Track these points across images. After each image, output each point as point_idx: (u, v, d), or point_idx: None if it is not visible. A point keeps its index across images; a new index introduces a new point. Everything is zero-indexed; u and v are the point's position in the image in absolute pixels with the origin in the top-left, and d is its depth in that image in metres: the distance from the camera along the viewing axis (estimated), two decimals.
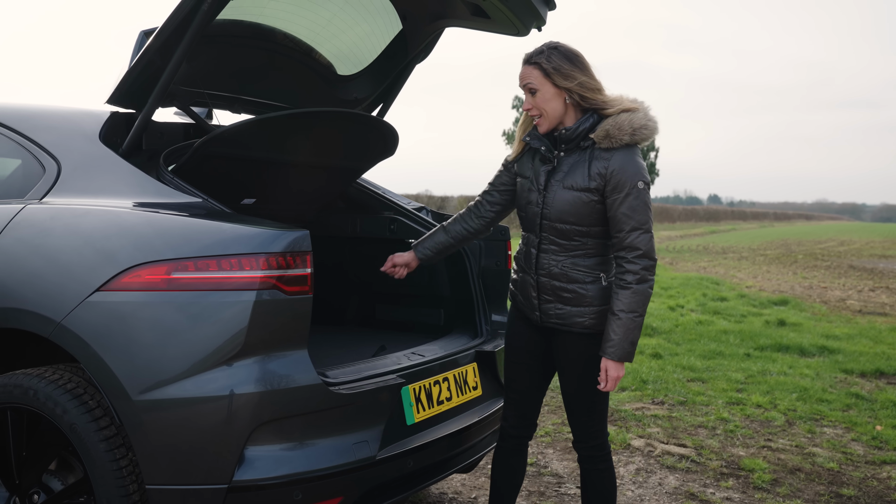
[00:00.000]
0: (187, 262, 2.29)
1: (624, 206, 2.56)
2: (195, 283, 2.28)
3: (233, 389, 2.25)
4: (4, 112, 2.89)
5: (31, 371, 2.47)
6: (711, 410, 5.38)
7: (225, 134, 2.71)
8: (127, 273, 2.31)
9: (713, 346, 7.64)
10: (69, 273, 2.39)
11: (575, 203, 2.61)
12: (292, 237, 2.34)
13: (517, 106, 33.49)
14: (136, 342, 2.28)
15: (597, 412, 2.80)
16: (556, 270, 2.67)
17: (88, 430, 2.31)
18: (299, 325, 2.36)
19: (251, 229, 2.34)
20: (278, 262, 2.31)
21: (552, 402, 5.47)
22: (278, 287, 2.30)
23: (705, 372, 6.54)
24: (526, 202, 2.72)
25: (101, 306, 2.31)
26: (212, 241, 2.32)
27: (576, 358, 2.73)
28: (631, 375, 6.22)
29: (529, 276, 2.74)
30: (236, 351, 2.26)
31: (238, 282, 2.28)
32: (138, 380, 2.27)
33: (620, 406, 5.40)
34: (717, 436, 4.84)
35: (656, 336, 8.18)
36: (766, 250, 26.19)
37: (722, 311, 10.19)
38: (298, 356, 2.37)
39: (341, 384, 2.51)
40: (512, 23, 3.24)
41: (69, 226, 2.46)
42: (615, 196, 2.57)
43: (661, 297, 11.44)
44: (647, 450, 4.53)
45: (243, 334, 2.26)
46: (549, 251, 2.68)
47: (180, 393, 2.25)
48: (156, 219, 2.40)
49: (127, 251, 2.34)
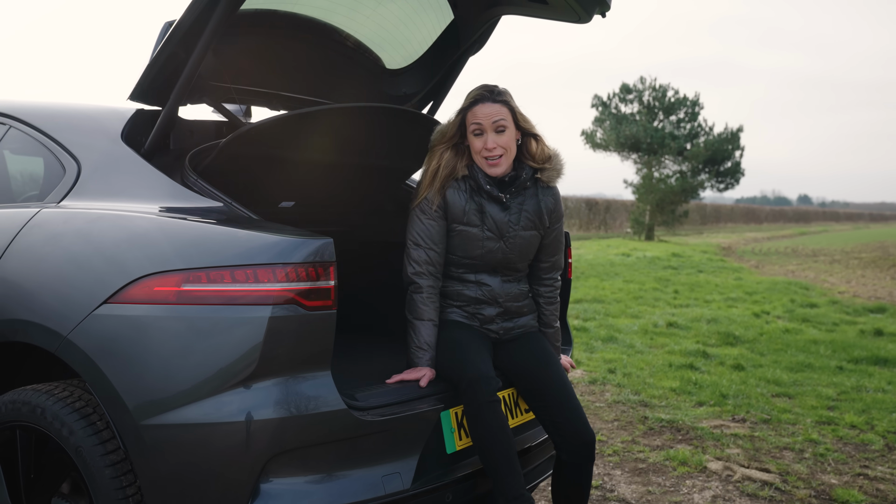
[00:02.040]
0: (199, 272, 2.08)
1: (557, 234, 2.86)
2: (206, 297, 2.07)
3: (245, 416, 2.03)
4: (28, 110, 2.76)
5: (40, 387, 2.30)
6: (799, 430, 4.92)
7: (252, 132, 2.50)
8: (136, 284, 2.12)
9: (801, 357, 7.11)
10: (77, 283, 2.21)
11: (533, 242, 2.80)
12: (314, 246, 2.11)
13: (597, 105, 32.71)
14: (142, 361, 2.09)
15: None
16: (516, 292, 2.83)
17: (94, 454, 2.13)
18: (321, 343, 2.12)
19: (268, 237, 2.11)
20: (297, 273, 2.07)
21: (623, 417, 5.12)
22: (297, 301, 2.07)
23: (792, 386, 6.04)
24: (482, 250, 2.74)
25: (107, 320, 2.13)
26: (225, 251, 2.10)
27: (547, 348, 2.84)
28: (709, 389, 5.80)
29: (491, 306, 2.79)
30: (249, 372, 2.04)
31: (252, 295, 2.05)
32: (144, 402, 2.07)
33: (697, 423, 5.00)
34: (805, 460, 4.40)
35: (739, 345, 7.69)
36: (860, 253, 24.84)
37: (812, 318, 9.57)
38: (320, 378, 2.13)
39: (370, 409, 2.26)
40: (572, 8, 2.95)
41: (80, 232, 2.29)
42: (555, 226, 2.83)
43: (745, 303, 10.86)
44: (726, 474, 4.14)
45: (257, 354, 2.03)
46: (509, 281, 2.82)
47: (188, 418, 2.04)
48: (169, 225, 2.20)
49: (137, 260, 2.15)
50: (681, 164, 31.69)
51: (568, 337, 3.26)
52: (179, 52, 2.45)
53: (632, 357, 6.96)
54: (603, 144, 31.95)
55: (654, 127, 31.14)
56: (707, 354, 7.11)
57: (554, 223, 2.83)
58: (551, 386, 2.67)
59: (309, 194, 3.18)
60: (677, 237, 34.21)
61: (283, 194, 3.10)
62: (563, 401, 2.65)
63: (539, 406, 2.69)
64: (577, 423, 2.63)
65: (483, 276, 2.79)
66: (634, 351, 7.27)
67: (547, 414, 2.67)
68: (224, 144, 2.49)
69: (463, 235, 2.73)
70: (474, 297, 2.79)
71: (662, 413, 5.21)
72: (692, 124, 31.86)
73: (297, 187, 3.10)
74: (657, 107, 31.84)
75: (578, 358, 6.85)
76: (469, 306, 2.79)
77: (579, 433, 2.62)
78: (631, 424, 4.99)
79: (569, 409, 2.64)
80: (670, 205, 31.32)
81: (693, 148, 31.18)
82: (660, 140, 30.61)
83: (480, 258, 2.75)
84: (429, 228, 2.71)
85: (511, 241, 2.74)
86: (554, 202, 2.82)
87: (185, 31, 2.38)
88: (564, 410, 2.63)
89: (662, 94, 31.81)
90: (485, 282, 2.78)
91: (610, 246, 24.34)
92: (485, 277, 2.78)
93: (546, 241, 2.84)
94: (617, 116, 31.82)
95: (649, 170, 31.63)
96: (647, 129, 30.77)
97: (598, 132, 32.11)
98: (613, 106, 32.24)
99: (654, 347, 7.50)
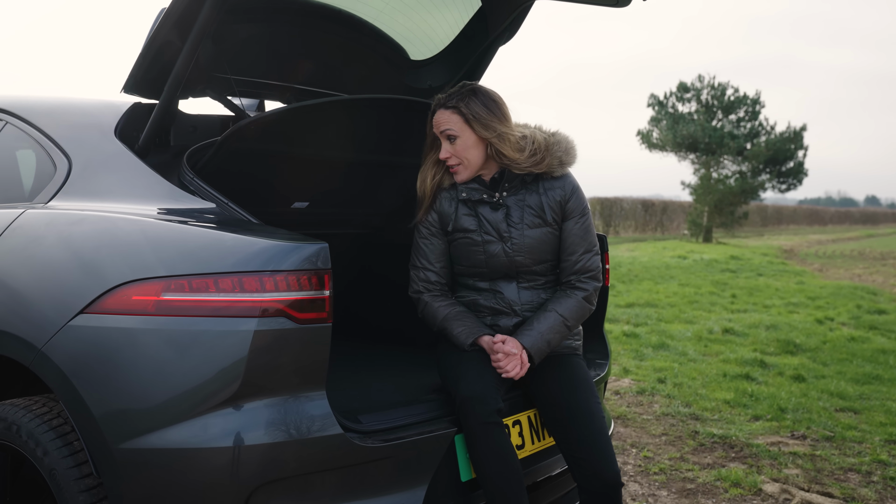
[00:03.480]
0: (181, 280, 1.88)
1: (577, 230, 2.54)
2: (187, 308, 1.87)
3: (227, 441, 1.82)
4: (24, 105, 2.61)
5: (19, 402, 2.13)
6: (866, 450, 4.53)
7: (251, 126, 2.29)
8: (114, 293, 1.93)
9: (869, 368, 6.65)
10: (54, 291, 2.03)
11: (545, 240, 2.53)
12: (306, 252, 1.89)
13: (653, 104, 32.05)
14: (117, 378, 1.89)
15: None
16: (536, 300, 2.56)
17: (68, 479, 1.94)
18: (315, 360, 1.91)
19: (255, 241, 1.90)
20: (288, 282, 1.86)
21: (671, 432, 4.81)
22: (287, 314, 1.85)
23: (858, 400, 5.62)
24: (485, 255, 2.53)
25: (82, 332, 1.94)
26: (210, 257, 1.90)
27: (582, 375, 2.53)
28: (767, 402, 5.43)
29: (507, 316, 2.54)
30: (232, 392, 1.83)
31: (237, 307, 1.84)
32: (119, 424, 1.88)
33: (751, 439, 4.65)
34: (872, 484, 4.02)
35: (799, 354, 7.26)
36: None
37: (880, 325, 9.03)
38: (315, 399, 1.91)
39: (373, 433, 2.03)
40: None
41: (62, 235, 2.11)
42: (572, 219, 2.54)
43: (808, 309, 10.35)
44: (783, 498, 3.80)
45: (241, 372, 1.82)
46: (528, 288, 2.57)
47: (165, 442, 1.84)
48: (152, 228, 2.01)
49: (116, 266, 1.96)
50: (740, 164, 31.00)
51: (604, 350, 2.99)
52: (174, 39, 2.26)
53: (684, 366, 6.62)
54: (659, 144, 31.41)
55: (712, 126, 30.48)
56: (765, 364, 6.72)
57: (570, 216, 2.55)
58: (576, 416, 2.40)
59: (324, 194, 2.98)
60: (736, 239, 33.34)
61: (295, 194, 2.89)
62: (588, 434, 2.36)
63: (561, 437, 2.43)
64: (601, 462, 2.34)
65: (498, 283, 2.57)
66: (687, 359, 6.92)
67: (568, 447, 2.40)
68: (222, 140, 2.30)
69: (463, 243, 2.55)
70: (489, 305, 2.56)
71: (715, 427, 4.87)
72: (752, 123, 31.10)
73: (311, 187, 2.89)
74: (716, 105, 31.16)
75: (626, 366, 6.53)
76: (486, 317, 2.56)
77: (601, 473, 2.33)
78: (680, 439, 4.66)
79: (593, 444, 2.35)
80: (729, 206, 30.62)
81: (753, 147, 30.44)
82: (718, 139, 29.95)
83: (486, 264, 2.53)
84: (424, 248, 2.58)
85: (515, 241, 2.51)
86: (564, 193, 2.54)
87: (178, 17, 2.20)
88: (588, 446, 2.35)
89: (721, 92, 31.10)
90: (499, 289, 2.56)
91: (666, 248, 23.80)
92: (499, 284, 2.57)
93: (563, 236, 2.56)
94: (674, 116, 31.22)
95: (707, 170, 30.98)
96: (705, 128, 30.13)
97: (655, 132, 31.58)
98: (670, 105, 31.65)
99: (708, 355, 7.13)
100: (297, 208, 2.95)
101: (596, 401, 2.47)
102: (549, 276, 2.59)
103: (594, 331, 3.04)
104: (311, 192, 2.92)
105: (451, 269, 2.62)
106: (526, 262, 2.52)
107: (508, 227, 2.50)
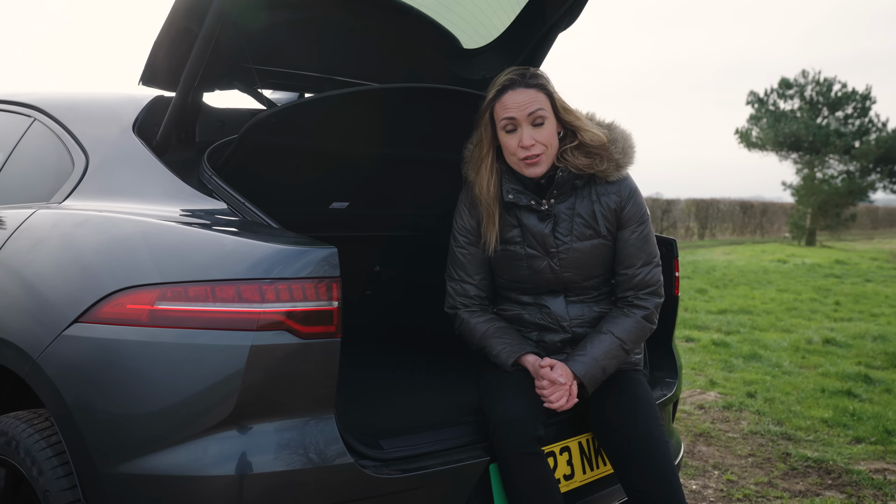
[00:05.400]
0: (177, 288, 1.70)
1: (634, 239, 2.24)
2: (182, 318, 1.69)
3: (219, 469, 1.63)
4: (51, 100, 2.51)
5: (22, 415, 2.00)
6: None
7: (272, 119, 2.10)
8: (109, 300, 1.76)
9: None
10: (53, 297, 1.89)
11: (598, 254, 2.24)
12: (311, 257, 1.68)
13: (752, 102, 30.76)
14: (107, 394, 1.73)
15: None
16: (588, 315, 2.29)
17: (60, 501, 1.79)
18: (322, 379, 1.69)
19: (257, 245, 1.70)
20: (291, 291, 1.65)
21: (760, 453, 4.40)
22: (289, 327, 1.65)
23: None
24: (528, 271, 2.24)
25: (76, 343, 1.78)
26: (208, 262, 1.71)
27: (643, 395, 2.24)
28: (871, 422, 4.93)
29: (555, 332, 2.27)
30: (226, 415, 1.64)
31: (233, 318, 1.65)
32: (108, 446, 1.71)
33: (852, 465, 4.20)
34: None
35: None
36: None
37: None
38: (322, 423, 1.70)
39: (392, 462, 1.80)
40: None
41: (65, 237, 1.96)
42: (629, 229, 2.23)
43: None
44: None
45: (235, 392, 1.63)
46: (577, 302, 2.29)
47: (153, 468, 1.66)
48: (153, 230, 1.83)
49: (113, 272, 1.80)
50: (848, 163, 29.56)
51: (673, 366, 2.68)
52: (191, 25, 2.09)
53: (777, 379, 6.14)
54: (759, 144, 30.26)
55: (816, 124, 29.14)
56: (870, 379, 6.16)
57: (626, 225, 2.24)
58: (635, 442, 2.10)
59: (365, 194, 2.76)
60: (843, 242, 31.70)
61: (332, 194, 2.69)
62: (649, 464, 2.07)
63: (619, 466, 2.14)
64: (664, 496, 2.04)
65: (543, 297, 2.29)
66: (781, 371, 6.42)
67: (626, 477, 2.11)
68: (241, 135, 2.12)
69: (504, 256, 2.27)
70: (533, 321, 2.28)
71: (809, 450, 4.43)
72: (862, 120, 29.56)
73: (348, 185, 2.69)
74: (821, 102, 29.77)
75: (713, 378, 6.10)
76: (531, 332, 2.29)
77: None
78: (769, 462, 4.25)
79: (655, 475, 2.06)
80: (835, 207, 29.25)
81: (862, 146, 28.95)
82: (823, 138, 28.60)
83: (529, 280, 2.26)
84: (461, 258, 2.30)
85: (562, 256, 2.22)
86: (620, 199, 2.22)
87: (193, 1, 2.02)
88: (647, 477, 2.06)
89: (828, 88, 29.67)
90: (545, 303, 2.28)
91: (765, 251, 22.77)
92: (545, 298, 2.30)
93: (618, 247, 2.25)
94: (775, 114, 29.98)
95: (811, 170, 29.67)
96: (809, 126, 28.82)
97: (754, 130, 30.45)
98: (771, 102, 30.39)
99: (806, 368, 6.61)
100: (337, 209, 2.75)
101: (658, 424, 2.17)
102: (601, 290, 2.32)
103: (662, 345, 2.73)
104: (349, 192, 2.72)
105: (492, 281, 2.35)
106: (575, 278, 2.25)
107: (556, 240, 2.22)
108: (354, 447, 1.76)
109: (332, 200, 2.71)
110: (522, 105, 2.12)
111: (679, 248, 3.12)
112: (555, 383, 2.11)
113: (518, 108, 2.12)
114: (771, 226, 36.38)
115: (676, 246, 2.66)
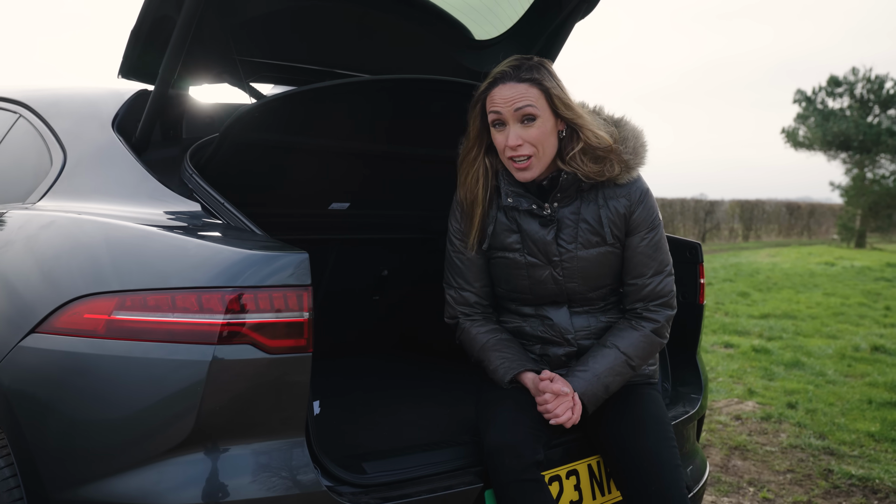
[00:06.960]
0: (136, 296, 1.56)
1: (644, 246, 2.06)
2: (139, 330, 1.54)
3: (175, 496, 1.48)
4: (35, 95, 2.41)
5: None
6: None
7: (254, 113, 1.94)
8: (66, 309, 1.63)
9: None
10: (11, 305, 1.76)
11: (605, 262, 2.06)
12: (279, 263, 1.52)
13: (799, 100, 30.06)
14: (60, 412, 1.60)
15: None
16: (594, 326, 2.12)
17: None
18: (291, 398, 1.54)
19: (221, 250, 1.56)
20: (256, 301, 1.50)
21: (799, 468, 4.15)
22: (254, 340, 1.49)
23: None
24: (529, 281, 2.07)
25: (31, 354, 1.65)
26: (169, 268, 1.57)
27: (655, 412, 2.07)
28: None
29: (558, 345, 2.10)
30: (184, 436, 1.49)
31: (192, 329, 1.50)
32: (59, 469, 1.58)
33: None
34: None
35: None
36: None
37: None
38: (292, 448, 1.54)
39: (372, 488, 1.64)
40: None
41: (29, 239, 1.84)
42: (638, 235, 2.05)
43: None
44: None
45: (194, 412, 1.48)
46: (582, 314, 2.12)
47: (108, 494, 1.52)
48: (116, 233, 1.70)
49: (72, 278, 1.67)
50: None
51: (697, 381, 2.47)
52: (171, 13, 1.96)
53: (820, 388, 5.84)
54: (806, 143, 29.64)
55: (867, 122, 28.42)
56: None
57: (635, 231, 2.05)
58: (641, 466, 1.91)
59: (366, 193, 2.61)
60: (894, 245, 30.79)
61: (331, 194, 2.54)
62: (654, 492, 1.88)
63: (624, 492, 1.95)
64: None
65: (545, 308, 2.12)
66: (825, 380, 6.12)
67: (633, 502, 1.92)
68: (224, 131, 1.97)
69: (502, 264, 2.10)
70: (535, 334, 2.10)
71: (853, 466, 4.16)
72: None
73: (347, 184, 2.53)
74: (872, 100, 29.02)
75: (752, 386, 5.83)
76: (534, 346, 2.11)
77: None
78: (809, 478, 4.01)
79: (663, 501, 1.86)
80: (886, 209, 28.48)
81: None
82: (875, 137, 27.87)
83: (530, 290, 2.08)
84: (458, 264, 2.13)
85: (566, 266, 2.04)
86: (629, 202, 2.03)
87: None
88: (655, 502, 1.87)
89: (879, 85, 28.89)
90: (547, 315, 2.10)
91: (812, 253, 22.17)
92: (547, 309, 2.12)
93: (626, 255, 2.07)
94: (823, 112, 29.29)
95: (861, 170, 28.94)
96: (859, 124, 28.11)
97: (801, 130, 29.82)
98: (819, 101, 29.69)
99: (852, 377, 6.30)
100: (337, 210, 2.60)
101: (670, 445, 1.98)
102: (609, 300, 2.14)
103: (686, 358, 2.53)
104: (349, 191, 2.57)
105: (494, 289, 2.18)
106: (580, 289, 2.08)
107: (559, 248, 2.04)
108: (332, 471, 1.61)
109: (332, 201, 2.56)
110: (509, 100, 1.95)
111: (722, 251, 2.87)
112: (558, 395, 1.93)
113: (504, 103, 1.95)
114: (818, 227, 35.60)
115: (701, 250, 2.46)
